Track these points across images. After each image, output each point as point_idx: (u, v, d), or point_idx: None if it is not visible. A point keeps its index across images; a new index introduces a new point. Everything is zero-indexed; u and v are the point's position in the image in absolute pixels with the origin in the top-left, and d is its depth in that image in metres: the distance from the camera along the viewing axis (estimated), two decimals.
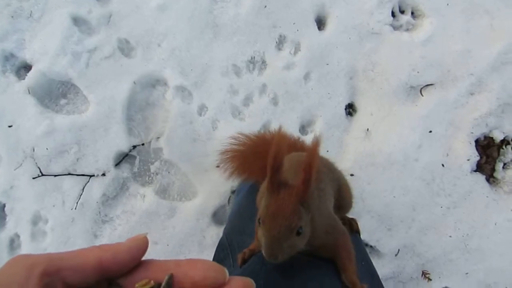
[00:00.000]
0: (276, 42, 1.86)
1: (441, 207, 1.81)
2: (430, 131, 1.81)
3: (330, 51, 1.85)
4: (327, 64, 1.85)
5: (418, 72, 1.82)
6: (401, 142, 1.80)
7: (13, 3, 1.83)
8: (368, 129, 1.84)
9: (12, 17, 1.81)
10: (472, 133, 1.82)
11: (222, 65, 1.83)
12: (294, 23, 1.85)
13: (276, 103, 1.83)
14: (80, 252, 0.49)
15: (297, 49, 1.86)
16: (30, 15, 1.82)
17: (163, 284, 0.49)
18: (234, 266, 0.94)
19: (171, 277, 0.50)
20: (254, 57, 1.85)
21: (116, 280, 0.53)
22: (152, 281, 0.51)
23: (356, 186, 1.82)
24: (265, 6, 1.86)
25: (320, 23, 1.90)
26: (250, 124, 1.80)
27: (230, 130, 1.78)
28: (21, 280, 0.43)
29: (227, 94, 1.82)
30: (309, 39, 1.85)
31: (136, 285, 0.50)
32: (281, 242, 0.62)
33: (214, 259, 1.06)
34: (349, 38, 1.85)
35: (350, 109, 1.88)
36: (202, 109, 1.82)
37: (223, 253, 1.04)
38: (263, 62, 1.86)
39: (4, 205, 1.76)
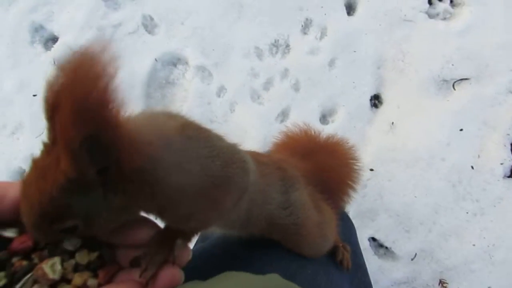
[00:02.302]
0: (302, 26, 1.79)
1: (467, 212, 1.67)
2: (461, 129, 1.68)
3: (358, 37, 1.76)
4: (354, 51, 1.76)
5: (452, 64, 1.69)
6: (428, 139, 1.68)
7: None
8: (393, 123, 1.73)
9: None
10: (508, 134, 1.67)
11: (244, 46, 1.78)
12: (321, 7, 1.77)
13: (298, 89, 1.76)
14: (4, 183, 0.48)
15: (323, 34, 1.78)
16: None
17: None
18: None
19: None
20: (277, 40, 1.79)
21: None
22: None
23: (375, 183, 1.72)
24: None
25: (350, 8, 1.80)
26: (269, 109, 1.74)
27: (248, 113, 1.73)
28: None
29: (247, 77, 1.78)
30: (337, 24, 1.76)
31: None
32: (42, 233, 0.45)
33: None
34: (379, 25, 1.75)
35: (376, 100, 1.78)
36: (221, 91, 1.78)
37: None
38: (287, 45, 1.79)
39: (24, 171, 1.82)
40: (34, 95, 1.81)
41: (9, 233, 0.52)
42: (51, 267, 0.50)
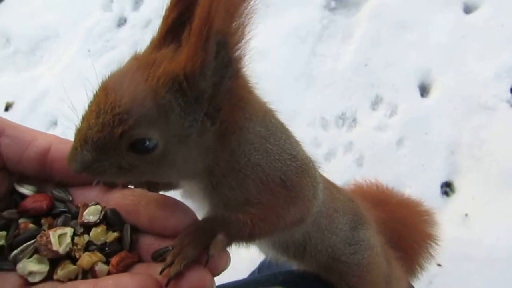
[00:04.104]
0: (371, 102, 1.76)
1: None
2: None
3: (431, 120, 1.68)
4: (426, 134, 1.67)
5: None
6: (508, 237, 1.48)
7: None
8: (466, 215, 1.55)
9: None
10: None
11: (309, 115, 1.76)
12: (393, 85, 1.74)
13: (361, 164, 1.67)
14: (34, 131, 0.45)
15: (393, 112, 1.72)
16: None
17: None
18: None
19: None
20: (344, 113, 1.76)
21: (63, 187, 0.47)
22: (99, 206, 0.45)
23: (443, 281, 1.50)
24: (366, 65, 1.79)
25: (423, 90, 1.76)
26: None
27: None
28: None
29: (310, 146, 1.71)
30: (409, 103, 1.71)
31: (90, 204, 0.45)
32: (92, 149, 0.38)
33: None
34: (455, 109, 1.67)
35: (447, 188, 1.63)
36: None
37: None
38: (354, 119, 1.75)
39: None
40: None
41: (25, 190, 0.45)
42: (59, 238, 0.41)
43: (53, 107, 2.02)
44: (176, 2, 0.40)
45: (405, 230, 0.85)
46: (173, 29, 0.40)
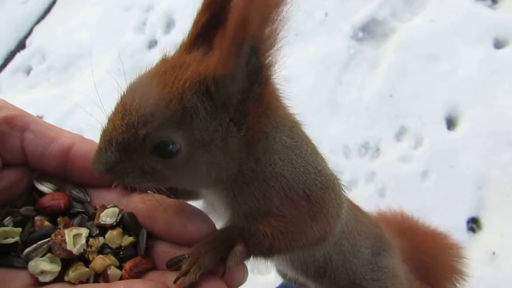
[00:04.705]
0: (396, 132, 1.73)
1: None
2: None
3: (457, 153, 1.64)
4: (452, 167, 1.62)
5: None
6: None
7: None
8: (494, 253, 1.48)
9: None
10: None
11: (332, 142, 1.74)
12: (419, 117, 1.72)
13: (383, 195, 1.63)
14: (59, 129, 0.45)
15: (418, 143, 1.69)
16: None
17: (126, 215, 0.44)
18: None
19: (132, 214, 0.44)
20: (368, 142, 1.73)
21: (82, 188, 0.46)
22: (117, 208, 0.44)
23: None
24: (391, 95, 1.78)
25: (450, 123, 1.73)
26: None
27: None
28: None
29: None
30: (435, 136, 1.68)
31: (108, 206, 0.45)
32: (116, 150, 0.37)
33: None
34: (484, 144, 1.63)
35: (474, 224, 1.57)
36: None
37: None
38: (377, 149, 1.72)
39: None
40: None
41: (44, 187, 0.45)
42: (74, 238, 0.41)
43: (80, 121, 2.07)
44: (207, 6, 0.41)
45: (431, 262, 0.81)
46: (203, 33, 0.41)
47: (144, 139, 0.37)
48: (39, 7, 2.56)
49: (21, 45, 2.44)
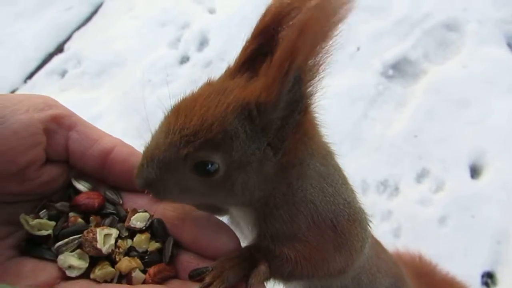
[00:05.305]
0: (417, 174, 1.71)
1: None
2: None
3: (479, 203, 1.60)
4: (472, 217, 1.58)
5: None
6: None
7: None
8: None
9: None
10: None
11: (350, 176, 1.72)
12: (443, 161, 1.69)
13: (398, 236, 1.59)
14: (102, 132, 0.48)
15: (439, 188, 1.66)
16: None
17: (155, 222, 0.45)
18: None
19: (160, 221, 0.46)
20: (387, 180, 1.71)
21: (116, 190, 0.48)
22: (148, 213, 0.46)
23: None
24: (416, 136, 1.76)
25: (474, 171, 1.69)
26: None
27: None
28: (37, 105, 0.43)
29: None
30: (457, 182, 1.64)
31: (139, 210, 0.46)
32: (157, 167, 0.39)
33: None
34: (508, 198, 1.58)
35: (489, 278, 1.51)
36: None
37: None
38: (396, 188, 1.69)
39: None
40: None
41: (81, 185, 0.47)
42: (104, 237, 0.42)
43: (104, 128, 2.12)
44: (257, 35, 0.43)
45: None
46: (249, 60, 0.43)
47: (185, 158, 0.39)
48: (81, 15, 2.67)
49: (59, 49, 2.54)
